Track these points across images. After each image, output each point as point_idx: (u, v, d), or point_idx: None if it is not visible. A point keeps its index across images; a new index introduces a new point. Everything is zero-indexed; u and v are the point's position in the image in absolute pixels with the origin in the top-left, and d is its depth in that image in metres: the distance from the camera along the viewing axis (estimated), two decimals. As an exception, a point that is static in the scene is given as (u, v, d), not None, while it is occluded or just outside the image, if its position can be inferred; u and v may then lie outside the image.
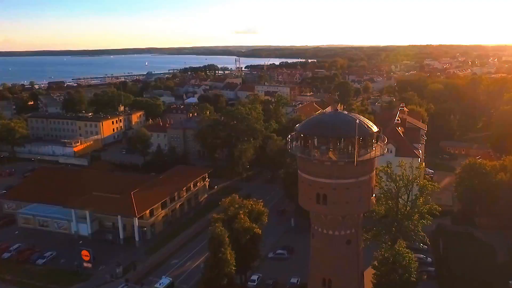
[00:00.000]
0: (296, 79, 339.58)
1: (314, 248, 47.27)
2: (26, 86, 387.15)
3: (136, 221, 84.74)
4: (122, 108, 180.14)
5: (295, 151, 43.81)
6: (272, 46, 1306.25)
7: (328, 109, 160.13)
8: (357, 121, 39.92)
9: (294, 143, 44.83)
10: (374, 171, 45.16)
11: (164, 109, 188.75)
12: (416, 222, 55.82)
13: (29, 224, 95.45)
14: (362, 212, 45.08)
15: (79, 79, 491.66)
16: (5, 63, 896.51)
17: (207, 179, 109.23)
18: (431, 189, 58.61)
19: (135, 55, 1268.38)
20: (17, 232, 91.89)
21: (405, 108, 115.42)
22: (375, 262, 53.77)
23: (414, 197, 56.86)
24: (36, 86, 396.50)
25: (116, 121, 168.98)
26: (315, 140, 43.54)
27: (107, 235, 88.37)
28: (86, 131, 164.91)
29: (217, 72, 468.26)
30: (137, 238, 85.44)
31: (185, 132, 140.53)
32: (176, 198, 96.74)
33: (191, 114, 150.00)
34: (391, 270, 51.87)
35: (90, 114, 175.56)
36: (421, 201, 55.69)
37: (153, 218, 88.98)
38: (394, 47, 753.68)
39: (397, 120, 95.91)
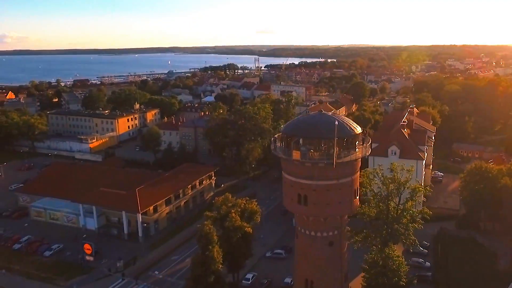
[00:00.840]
0: (314, 79, 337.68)
1: (298, 248, 47.58)
2: (53, 84, 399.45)
3: (139, 217, 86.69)
4: (137, 106, 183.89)
5: (277, 151, 44.13)
6: (293, 45, 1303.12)
7: (339, 110, 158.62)
8: (336, 122, 39.84)
9: (278, 143, 45.11)
10: (358, 173, 44.93)
11: (179, 107, 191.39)
12: (406, 226, 54.96)
13: (40, 217, 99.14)
14: (344, 214, 44.89)
15: (103, 77, 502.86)
16: (36, 61, 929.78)
17: (213, 177, 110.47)
18: (423, 193, 57.52)
19: (159, 54, 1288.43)
20: (26, 224, 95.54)
21: (415, 110, 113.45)
22: (365, 265, 53.73)
23: (405, 200, 56.07)
24: (62, 84, 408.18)
25: (131, 118, 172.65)
26: (300, 141, 43.76)
27: (112, 230, 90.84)
28: (102, 128, 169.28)
29: (236, 71, 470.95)
30: (140, 234, 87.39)
31: (196, 130, 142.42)
32: (181, 195, 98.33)
33: (202, 113, 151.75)
34: (380, 273, 51.59)
35: (106, 111, 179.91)
36: (410, 204, 54.68)
37: (156, 215, 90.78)
38: (417, 47, 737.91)
39: (404, 121, 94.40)
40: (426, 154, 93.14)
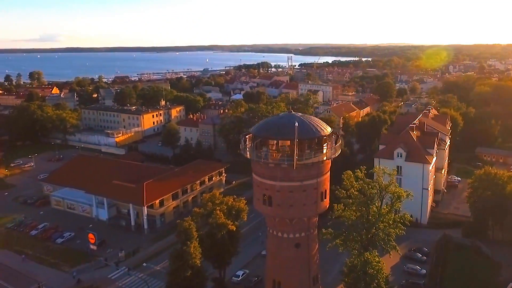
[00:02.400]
0: (345, 78, 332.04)
1: (267, 249, 47.91)
2: (95, 80, 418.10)
3: (145, 210, 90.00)
4: (163, 102, 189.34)
5: (242, 151, 44.60)
6: (330, 44, 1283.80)
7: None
8: (296, 124, 39.79)
9: (248, 143, 45.51)
10: (326, 175, 44.48)
11: (203, 105, 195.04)
12: (387, 231, 53.52)
13: (59, 206, 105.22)
14: (310, 216, 44.49)
15: (142, 74, 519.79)
16: (84, 59, 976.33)
17: (223, 174, 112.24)
18: (404, 198, 55.79)
19: (198, 52, 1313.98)
20: (41, 212, 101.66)
21: (432, 111, 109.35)
22: (345, 269, 53.17)
23: (387, 205, 54.58)
24: (104, 80, 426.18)
25: (156, 114, 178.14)
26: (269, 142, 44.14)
27: (121, 221, 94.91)
28: (129, 123, 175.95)
29: (269, 69, 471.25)
30: (145, 226, 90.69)
31: (215, 127, 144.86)
32: (188, 190, 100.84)
33: (222, 111, 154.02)
34: (358, 278, 50.93)
35: (133, 107, 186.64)
36: (386, 209, 52.92)
37: (163, 208, 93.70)
38: (457, 46, 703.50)
39: (414, 123, 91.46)
40: (436, 157, 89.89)
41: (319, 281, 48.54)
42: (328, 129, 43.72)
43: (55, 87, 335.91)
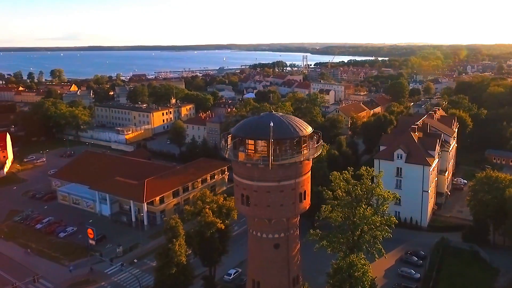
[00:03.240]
0: (360, 77, 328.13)
1: (248, 249, 47.76)
2: (113, 78, 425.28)
3: (145, 206, 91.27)
4: (173, 100, 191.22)
5: (223, 151, 44.59)
6: (348, 43, 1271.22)
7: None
8: (271, 124, 39.53)
9: (229, 143, 45.42)
10: (305, 176, 43.94)
11: (213, 103, 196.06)
12: (372, 233, 52.66)
13: (65, 201, 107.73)
14: (289, 217, 44.01)
15: (160, 72, 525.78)
16: (105, 57, 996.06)
17: (226, 172, 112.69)
18: (390, 200, 54.80)
19: (216, 50, 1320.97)
20: (46, 207, 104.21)
21: (438, 112, 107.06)
22: (331, 271, 52.80)
23: (372, 207, 53.65)
24: (122, 78, 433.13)
25: (166, 112, 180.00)
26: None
27: (122, 217, 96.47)
28: (139, 121, 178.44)
29: (285, 68, 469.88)
30: (145, 222, 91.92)
31: (221, 125, 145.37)
32: (190, 188, 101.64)
33: (229, 109, 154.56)
34: (343, 280, 50.55)
35: (144, 105, 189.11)
36: (369, 212, 51.84)
37: (163, 205, 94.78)
38: (478, 45, 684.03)
39: (416, 124, 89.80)
40: (438, 159, 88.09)
41: (300, 282, 48.16)
42: (308, 130, 43.17)
43: (73, 84, 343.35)
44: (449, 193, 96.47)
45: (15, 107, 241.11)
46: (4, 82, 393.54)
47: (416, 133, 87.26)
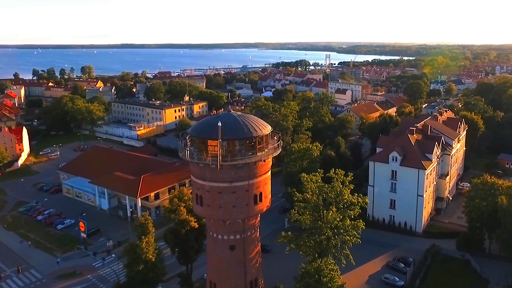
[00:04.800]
0: (382, 77, 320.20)
1: (207, 250, 47.30)
2: (139, 75, 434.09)
3: (139, 202, 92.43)
4: (187, 98, 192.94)
5: (180, 151, 44.12)
6: (375, 42, 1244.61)
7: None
8: (219, 124, 38.77)
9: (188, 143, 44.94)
10: (261, 177, 42.80)
11: (226, 101, 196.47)
12: (342, 238, 50.72)
13: (69, 194, 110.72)
14: (244, 219, 43.11)
15: (185, 70, 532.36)
16: (135, 54, 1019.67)
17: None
18: (359, 205, 52.63)
19: (243, 49, 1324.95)
20: (46, 199, 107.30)
21: (445, 114, 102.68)
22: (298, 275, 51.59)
23: (341, 211, 51.44)
24: (148, 75, 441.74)
25: (179, 109, 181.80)
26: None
27: (119, 212, 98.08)
28: (152, 117, 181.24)
29: (308, 67, 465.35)
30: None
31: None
32: (187, 185, 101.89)
33: (237, 107, 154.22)
34: (310, 285, 49.34)
35: (158, 102, 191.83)
36: (331, 216, 49.66)
37: (158, 201, 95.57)
38: (510, 46, 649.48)
39: (415, 126, 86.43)
40: (438, 163, 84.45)
41: (260, 285, 47.15)
42: (265, 130, 42.12)
43: (99, 81, 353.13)
44: (451, 198, 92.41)
45: (42, 102, 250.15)
46: (36, 78, 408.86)
47: (414, 135, 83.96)
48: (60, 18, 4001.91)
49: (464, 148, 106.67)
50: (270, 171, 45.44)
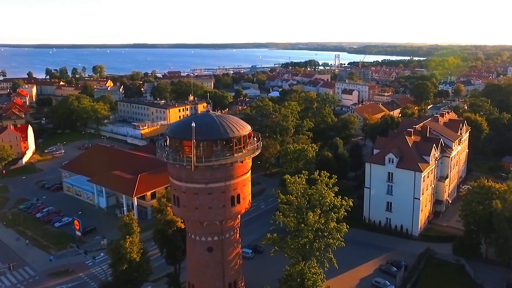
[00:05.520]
0: (391, 77, 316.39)
1: (186, 251, 46.99)
2: (149, 74, 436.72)
3: (135, 201, 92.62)
4: (191, 97, 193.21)
5: (157, 151, 43.87)
6: (386, 42, 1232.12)
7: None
8: (193, 124, 38.39)
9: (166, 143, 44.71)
10: (239, 179, 42.31)
11: (231, 101, 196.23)
12: (326, 241, 49.62)
13: (69, 192, 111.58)
14: (222, 220, 42.65)
15: (195, 69, 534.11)
16: (147, 54, 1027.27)
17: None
18: (343, 207, 51.47)
19: (254, 49, 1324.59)
20: (44, 197, 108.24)
21: (447, 115, 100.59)
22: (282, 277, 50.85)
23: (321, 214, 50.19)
24: (158, 74, 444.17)
25: (183, 109, 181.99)
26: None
27: (116, 210, 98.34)
28: (157, 116, 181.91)
29: (317, 67, 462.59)
30: (136, 217, 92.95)
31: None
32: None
33: (240, 107, 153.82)
34: (292, 287, 48.55)
35: (162, 101, 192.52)
36: (312, 219, 48.49)
37: (154, 200, 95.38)
38: None
39: (414, 127, 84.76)
40: (436, 165, 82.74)
41: (240, 287, 46.63)
42: (243, 131, 41.69)
43: (109, 80, 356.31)
44: (450, 201, 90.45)
45: (51, 101, 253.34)
46: (49, 77, 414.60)
47: (412, 136, 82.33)
48: (75, 18, 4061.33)
49: (467, 150, 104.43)
50: (250, 172, 44.96)
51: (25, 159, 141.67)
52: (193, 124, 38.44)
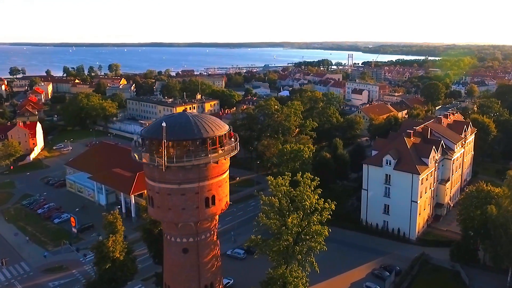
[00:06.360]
0: (404, 77, 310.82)
1: (164, 252, 46.54)
2: (162, 73, 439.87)
3: (132, 198, 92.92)
4: (199, 96, 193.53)
5: (132, 151, 43.45)
6: (402, 42, 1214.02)
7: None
8: (163, 124, 37.81)
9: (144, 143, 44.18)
10: (211, 180, 41.39)
11: (238, 100, 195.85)
12: (307, 244, 48.40)
13: (72, 188, 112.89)
14: (196, 222, 41.89)
15: (209, 68, 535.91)
16: (163, 53, 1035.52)
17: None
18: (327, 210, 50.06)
19: (269, 48, 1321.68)
20: (45, 193, 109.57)
21: (451, 117, 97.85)
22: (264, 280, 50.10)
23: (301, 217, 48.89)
24: (172, 73, 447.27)
25: (190, 108, 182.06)
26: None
27: (115, 208, 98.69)
28: (164, 114, 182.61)
29: (330, 67, 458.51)
30: (133, 214, 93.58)
31: (230, 122, 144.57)
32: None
33: (245, 106, 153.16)
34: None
35: (170, 100, 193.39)
36: (291, 221, 47.20)
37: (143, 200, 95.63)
38: None
39: (414, 129, 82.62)
40: (436, 168, 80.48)
41: (218, 290, 45.88)
42: (218, 131, 40.85)
43: (123, 78, 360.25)
44: (451, 205, 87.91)
45: (65, 98, 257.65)
46: (65, 75, 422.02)
47: (411, 138, 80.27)
48: (94, 18, 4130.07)
49: (472, 153, 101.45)
50: (227, 173, 44.18)
51: (33, 156, 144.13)
52: (164, 124, 37.91)
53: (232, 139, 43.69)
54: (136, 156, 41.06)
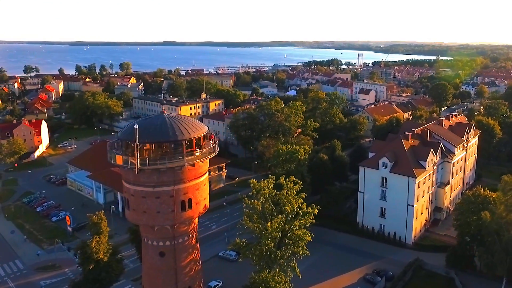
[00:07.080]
0: (414, 77, 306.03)
1: (142, 255, 46.06)
2: (172, 72, 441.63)
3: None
4: (204, 95, 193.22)
5: (108, 154, 42.98)
6: (414, 42, 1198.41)
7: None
8: (136, 126, 37.27)
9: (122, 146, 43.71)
10: (187, 183, 40.70)
11: (244, 99, 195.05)
12: (290, 249, 47.34)
13: (72, 186, 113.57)
14: (172, 225, 41.27)
15: (219, 67, 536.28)
16: (174, 52, 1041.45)
17: (224, 169, 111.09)
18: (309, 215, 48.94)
19: (280, 47, 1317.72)
20: (44, 191, 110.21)
21: (453, 118, 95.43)
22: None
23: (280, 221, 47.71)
24: (182, 72, 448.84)
25: (194, 107, 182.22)
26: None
27: (112, 207, 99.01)
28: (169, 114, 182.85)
29: (340, 66, 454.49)
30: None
31: (231, 122, 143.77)
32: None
33: (247, 106, 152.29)
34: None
35: (175, 99, 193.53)
36: (271, 225, 46.13)
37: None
38: None
39: (412, 131, 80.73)
40: (435, 171, 78.47)
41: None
42: (195, 133, 40.19)
43: (133, 77, 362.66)
44: (451, 209, 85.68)
45: (74, 96, 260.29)
46: (77, 73, 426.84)
47: (409, 140, 78.40)
48: (108, 17, 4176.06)
49: (475, 155, 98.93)
50: (206, 176, 43.45)
51: (37, 153, 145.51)
52: (136, 126, 37.47)
53: (211, 142, 42.91)
54: (111, 159, 40.54)
